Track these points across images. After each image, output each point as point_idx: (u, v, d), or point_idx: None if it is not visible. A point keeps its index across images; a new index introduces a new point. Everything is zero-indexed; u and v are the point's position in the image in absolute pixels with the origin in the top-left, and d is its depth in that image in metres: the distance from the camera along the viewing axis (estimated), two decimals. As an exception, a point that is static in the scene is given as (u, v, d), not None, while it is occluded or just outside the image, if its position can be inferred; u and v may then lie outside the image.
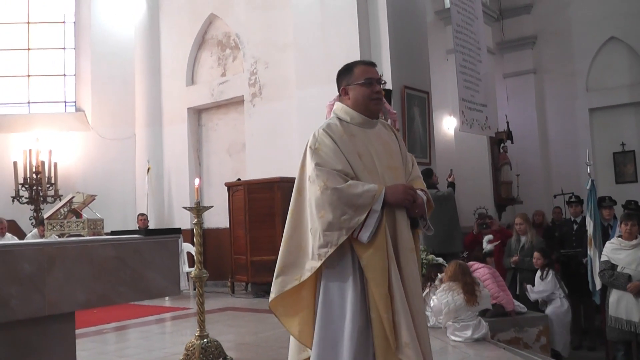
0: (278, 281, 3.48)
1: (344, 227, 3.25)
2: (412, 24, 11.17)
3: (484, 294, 6.70)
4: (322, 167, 3.34)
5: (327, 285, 3.38)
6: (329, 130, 3.48)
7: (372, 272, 3.25)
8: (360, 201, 3.26)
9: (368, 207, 3.25)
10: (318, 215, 3.31)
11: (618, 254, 7.26)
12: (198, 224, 5.87)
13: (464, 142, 13.51)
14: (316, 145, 3.42)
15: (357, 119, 3.56)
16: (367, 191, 3.28)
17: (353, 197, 3.26)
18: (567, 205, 10.67)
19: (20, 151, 13.62)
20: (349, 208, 3.25)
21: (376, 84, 3.56)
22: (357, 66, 3.62)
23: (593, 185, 8.40)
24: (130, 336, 8.16)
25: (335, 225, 3.26)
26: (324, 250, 3.29)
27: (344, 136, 3.46)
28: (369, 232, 3.26)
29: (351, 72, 3.60)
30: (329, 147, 3.40)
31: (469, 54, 10.96)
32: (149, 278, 3.27)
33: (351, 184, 3.30)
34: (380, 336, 3.24)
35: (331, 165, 3.34)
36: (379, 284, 3.23)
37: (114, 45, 15.16)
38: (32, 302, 2.75)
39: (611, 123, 14.56)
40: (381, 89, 3.62)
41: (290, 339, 3.64)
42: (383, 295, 3.22)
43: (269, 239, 11.42)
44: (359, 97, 3.55)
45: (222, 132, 14.07)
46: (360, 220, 3.25)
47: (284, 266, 3.49)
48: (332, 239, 3.27)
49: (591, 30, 14.53)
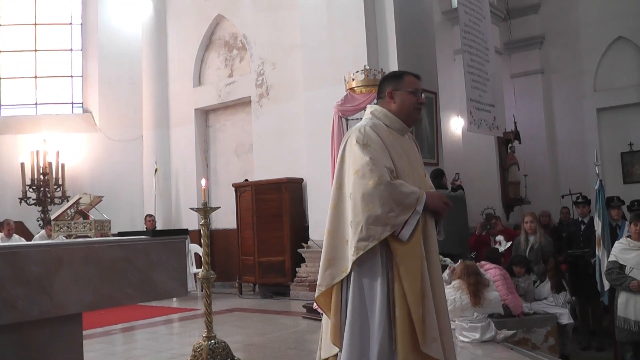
0: (327, 274, 3.54)
1: (390, 223, 3.35)
2: (420, 24, 11.14)
3: (492, 297, 6.66)
4: (376, 162, 3.42)
5: (357, 281, 3.45)
6: (375, 129, 3.58)
7: (406, 268, 3.35)
8: (408, 201, 3.38)
9: (413, 208, 3.37)
10: (365, 209, 3.37)
11: (627, 254, 7.22)
12: (205, 225, 5.87)
13: (471, 143, 13.48)
14: (365, 141, 3.50)
15: (396, 124, 3.69)
16: (414, 192, 3.41)
17: (402, 196, 3.38)
18: (574, 206, 10.63)
19: (27, 152, 13.64)
20: (397, 206, 3.36)
21: (422, 95, 3.74)
22: (407, 75, 3.78)
23: (601, 185, 8.35)
24: (138, 337, 8.17)
25: (381, 220, 3.35)
26: (363, 243, 3.36)
27: (388, 137, 3.58)
28: (409, 231, 3.37)
29: (401, 79, 3.74)
30: (378, 144, 3.50)
31: (477, 54, 10.92)
32: (156, 279, 3.27)
33: (402, 183, 3.43)
34: (404, 333, 3.31)
35: (383, 162, 3.44)
36: (414, 279, 3.34)
37: (121, 46, 15.19)
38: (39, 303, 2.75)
39: (619, 123, 14.51)
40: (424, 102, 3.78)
41: (323, 331, 3.66)
42: (417, 290, 3.32)
43: (276, 239, 11.44)
44: (405, 103, 3.69)
45: (229, 133, 14.08)
46: (405, 219, 3.36)
47: (332, 259, 3.54)
48: (375, 232, 3.35)
49: (599, 30, 14.49)
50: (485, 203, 12.02)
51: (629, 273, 7.14)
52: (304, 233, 11.30)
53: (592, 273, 8.50)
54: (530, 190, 14.54)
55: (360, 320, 3.40)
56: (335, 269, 3.51)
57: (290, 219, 11.42)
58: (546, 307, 7.87)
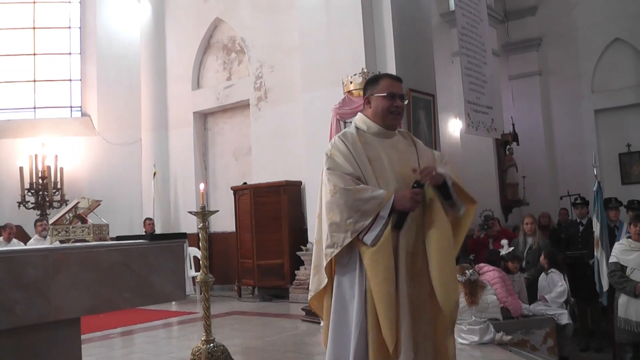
0: (315, 280, 3.66)
1: (349, 229, 3.37)
2: (417, 26, 11.15)
3: (490, 300, 6.65)
4: (333, 171, 3.49)
5: (339, 283, 3.51)
6: (344, 137, 3.62)
7: (373, 271, 3.33)
8: (367, 207, 3.36)
9: (373, 213, 3.35)
10: (327, 217, 3.45)
11: (628, 255, 7.23)
12: (203, 228, 5.88)
13: (469, 145, 13.50)
14: (331, 152, 3.57)
15: (373, 128, 3.67)
16: (374, 198, 3.37)
17: (360, 202, 3.37)
18: (572, 207, 10.64)
19: (26, 156, 13.62)
20: (354, 212, 3.36)
21: (398, 99, 3.64)
22: (384, 79, 3.72)
23: (599, 186, 8.37)
24: (137, 341, 8.17)
25: (341, 227, 3.39)
26: (330, 250, 3.43)
27: (357, 143, 3.57)
28: (373, 236, 3.35)
29: (377, 84, 3.70)
30: (342, 153, 3.53)
31: (475, 56, 10.93)
32: (155, 283, 3.28)
33: (360, 189, 3.40)
34: (375, 340, 3.30)
35: (342, 169, 3.47)
36: (379, 282, 3.30)
37: (119, 49, 15.18)
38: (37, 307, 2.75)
39: (617, 124, 14.54)
40: (402, 105, 3.68)
41: None
42: (385, 293, 3.29)
43: (275, 242, 11.43)
44: (378, 108, 3.65)
45: (228, 135, 14.09)
46: (364, 224, 3.35)
47: (317, 265, 3.64)
48: (337, 240, 3.40)
49: (596, 32, 14.52)
50: (483, 205, 12.05)
51: (630, 274, 7.14)
52: (303, 236, 11.29)
53: (591, 274, 8.50)
54: (528, 191, 14.56)
55: (339, 325, 3.45)
56: (321, 274, 3.59)
57: (289, 221, 11.42)
58: (545, 308, 7.87)
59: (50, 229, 11.06)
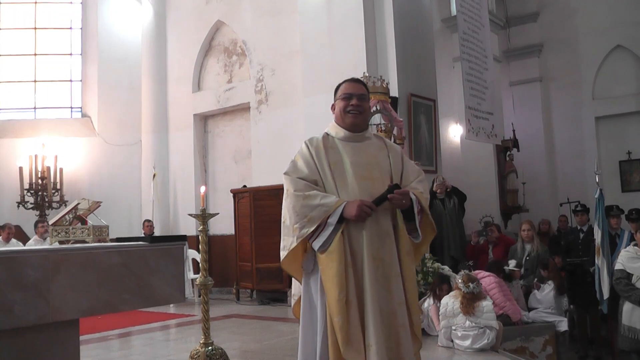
0: (296, 285, 3.80)
1: (296, 234, 3.46)
2: (419, 31, 11.16)
3: (485, 310, 6.59)
4: (288, 175, 3.61)
5: (307, 289, 3.58)
6: (309, 142, 3.73)
7: (324, 275, 3.40)
8: (313, 213, 3.41)
9: (318, 220, 3.40)
10: (282, 220, 3.58)
11: (635, 262, 7.19)
12: (203, 231, 5.86)
13: (470, 150, 13.49)
14: (295, 156, 3.70)
15: (340, 133, 3.75)
16: (322, 205, 3.41)
17: (306, 209, 3.43)
18: (573, 214, 10.63)
19: (26, 156, 13.62)
20: (301, 218, 3.43)
21: (355, 98, 3.70)
22: (343, 84, 3.84)
23: (601, 194, 8.34)
24: (135, 343, 8.15)
25: (290, 231, 3.50)
26: (282, 252, 3.56)
27: (320, 147, 3.66)
28: (321, 242, 3.42)
29: (337, 90, 3.83)
30: (303, 157, 3.65)
31: (476, 62, 10.95)
32: (154, 285, 3.27)
33: (309, 195, 3.45)
34: (333, 343, 3.34)
35: (297, 174, 3.56)
36: (329, 287, 3.36)
37: (120, 51, 15.19)
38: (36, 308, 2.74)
39: (617, 131, 14.56)
40: (360, 104, 3.71)
41: None
42: (334, 298, 3.32)
43: (274, 246, 11.28)
44: (338, 110, 3.78)
45: (228, 138, 14.08)
46: (309, 230, 3.41)
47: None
48: (287, 242, 3.53)
49: (597, 39, 14.54)
50: (483, 211, 12.05)
51: (635, 282, 7.11)
52: (302, 239, 11.23)
53: (591, 281, 8.47)
54: (528, 198, 14.55)
55: (305, 328, 3.52)
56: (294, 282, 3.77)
57: (289, 225, 11.37)
58: (545, 315, 7.85)
59: (50, 229, 11.04)
